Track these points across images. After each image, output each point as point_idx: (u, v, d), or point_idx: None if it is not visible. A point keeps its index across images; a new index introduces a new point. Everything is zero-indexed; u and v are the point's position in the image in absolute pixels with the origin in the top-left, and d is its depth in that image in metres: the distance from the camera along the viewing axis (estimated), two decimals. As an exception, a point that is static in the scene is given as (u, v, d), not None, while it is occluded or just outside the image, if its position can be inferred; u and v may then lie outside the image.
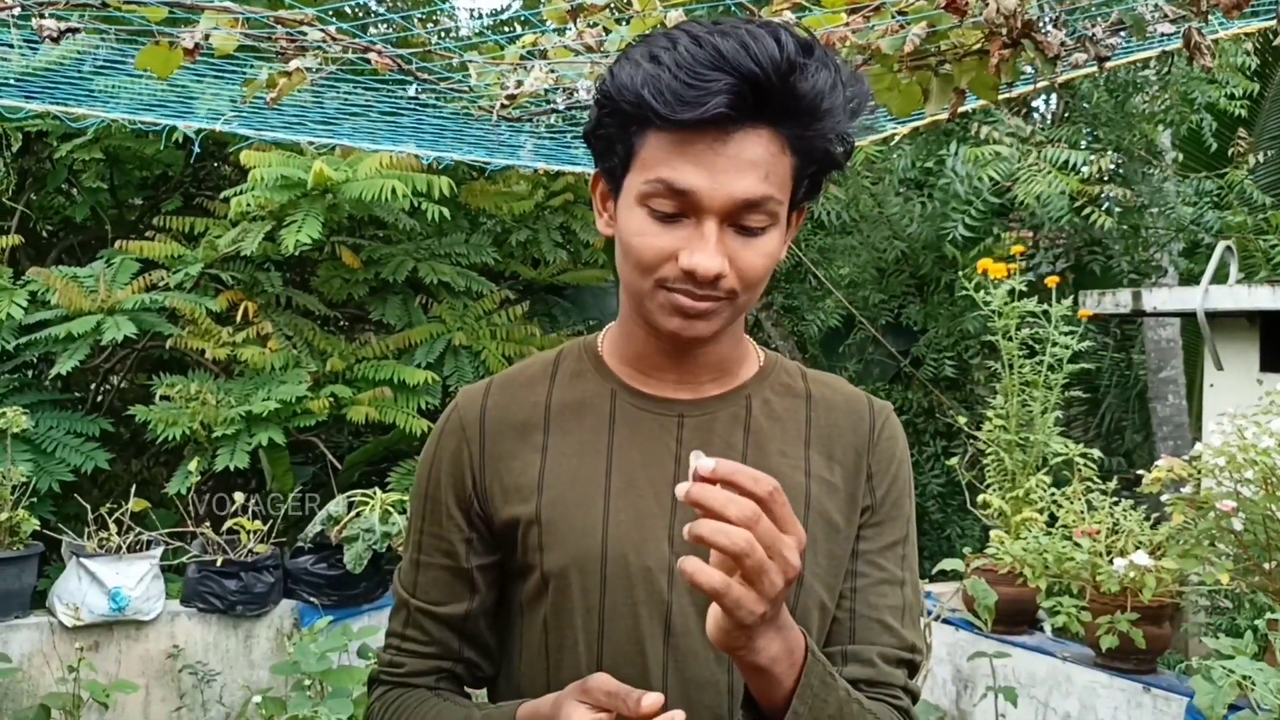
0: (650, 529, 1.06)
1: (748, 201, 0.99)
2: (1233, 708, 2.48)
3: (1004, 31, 2.12)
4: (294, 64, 2.33)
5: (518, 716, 1.01)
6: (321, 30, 2.16)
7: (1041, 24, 2.36)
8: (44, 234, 6.16)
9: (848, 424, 1.15)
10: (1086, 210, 5.46)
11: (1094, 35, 2.51)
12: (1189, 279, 6.10)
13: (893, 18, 2.26)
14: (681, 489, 0.85)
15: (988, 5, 2.02)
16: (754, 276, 1.03)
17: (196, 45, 2.20)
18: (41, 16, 1.99)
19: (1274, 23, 2.38)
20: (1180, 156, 6.64)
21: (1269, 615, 2.50)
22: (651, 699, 0.91)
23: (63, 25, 2.10)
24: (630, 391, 1.12)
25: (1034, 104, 6.72)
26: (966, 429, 4.31)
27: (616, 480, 1.08)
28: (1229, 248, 4.70)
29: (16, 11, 2.23)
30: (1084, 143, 5.95)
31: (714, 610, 0.89)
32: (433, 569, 1.14)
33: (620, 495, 1.07)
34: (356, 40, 2.22)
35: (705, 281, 1.00)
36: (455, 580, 1.13)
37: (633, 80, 0.98)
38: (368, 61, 2.44)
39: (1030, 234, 6.32)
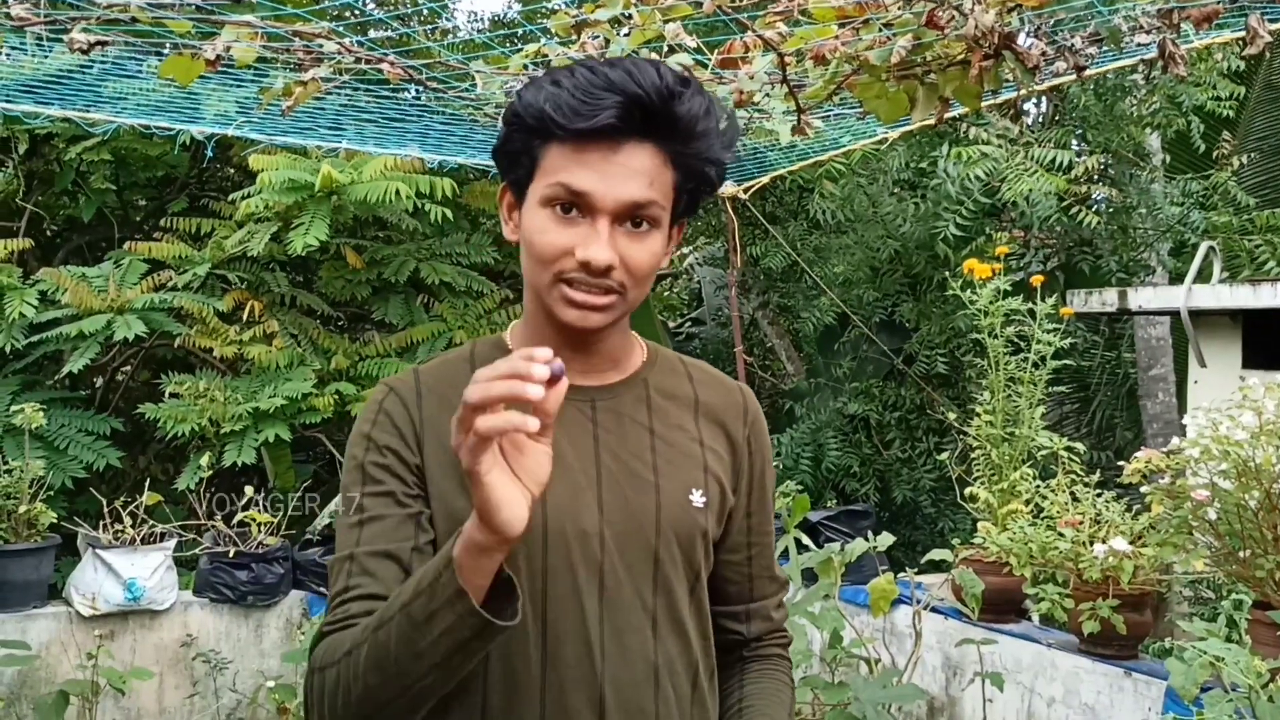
0: (583, 500, 1.20)
1: (635, 203, 1.15)
2: (1206, 688, 2.59)
3: (984, 44, 2.23)
4: (309, 74, 2.44)
5: (454, 554, 1.03)
6: (337, 43, 2.27)
7: (1025, 34, 2.47)
8: (51, 234, 6.26)
9: (723, 401, 1.34)
10: (1074, 210, 5.57)
11: (1073, 45, 2.63)
12: (1177, 278, 6.21)
13: (880, 31, 2.38)
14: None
15: (967, 21, 2.13)
16: (641, 271, 1.18)
17: (218, 57, 2.31)
18: (86, 30, 2.10)
19: (1244, 34, 2.49)
20: (1168, 158, 6.76)
21: (1234, 596, 2.61)
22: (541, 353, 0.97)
23: (93, 39, 2.21)
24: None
25: (1024, 107, 6.84)
26: (957, 424, 4.42)
27: None
28: (1212, 248, 4.81)
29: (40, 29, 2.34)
30: (1074, 143, 6.06)
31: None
32: (377, 521, 1.17)
33: (554, 474, 1.16)
34: (371, 53, 2.34)
35: (598, 272, 1.15)
36: (403, 524, 1.17)
37: (536, 99, 1.15)
38: (379, 71, 2.55)
39: (1021, 234, 6.43)
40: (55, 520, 4.06)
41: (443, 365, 1.28)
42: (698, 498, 1.25)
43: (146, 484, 4.37)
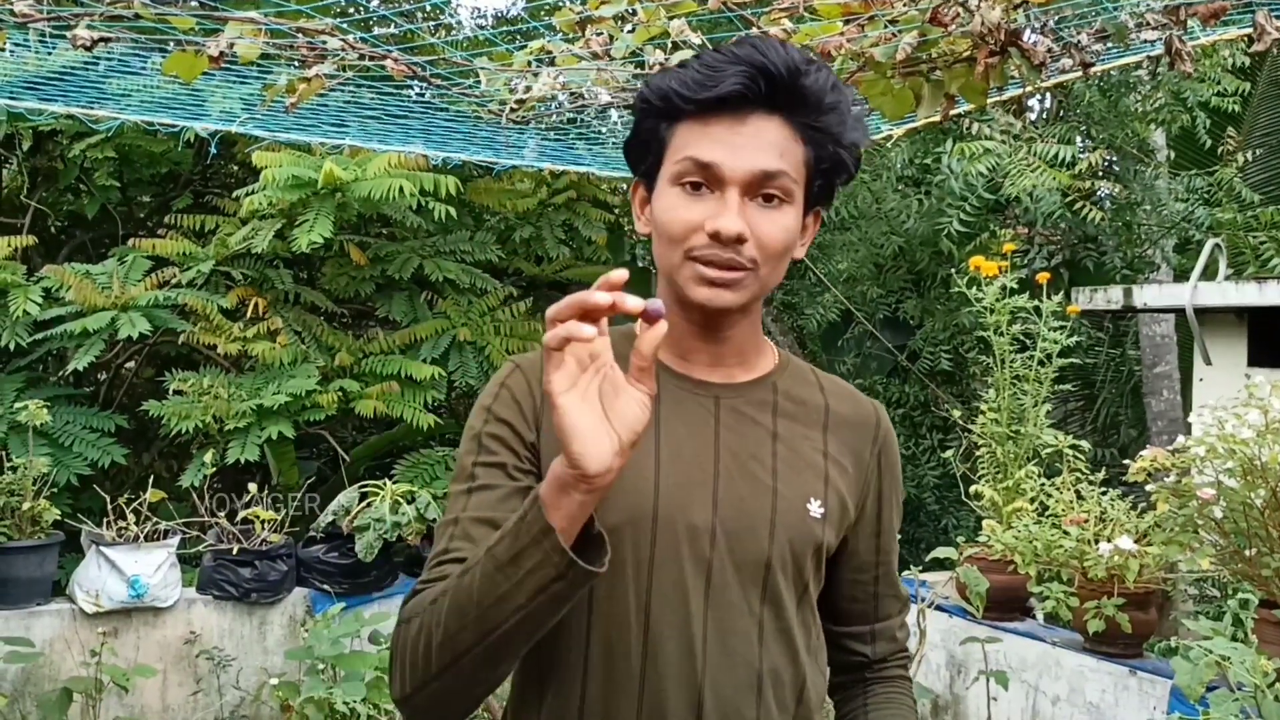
0: (696, 494, 1.17)
1: (765, 173, 1.13)
2: (1211, 688, 2.59)
3: (990, 41, 2.23)
4: (313, 71, 2.44)
5: (540, 492, 1.01)
6: (341, 40, 2.26)
7: (1030, 30, 2.46)
8: (55, 231, 6.27)
9: (856, 417, 1.30)
10: (1078, 206, 5.56)
11: (1079, 42, 2.62)
12: (1182, 275, 6.19)
13: (885, 27, 2.37)
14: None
15: (973, 18, 2.12)
16: (772, 246, 1.15)
17: (221, 53, 2.31)
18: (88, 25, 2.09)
19: (1251, 30, 2.48)
20: (1172, 154, 6.74)
21: (1240, 595, 2.61)
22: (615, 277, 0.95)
23: (96, 35, 2.21)
24: (671, 374, 1.22)
25: (1028, 102, 6.82)
26: (961, 422, 4.41)
27: (665, 449, 1.18)
28: (1217, 244, 4.79)
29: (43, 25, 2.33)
30: (1078, 139, 6.05)
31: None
32: (486, 490, 1.16)
33: (669, 463, 1.18)
34: (375, 49, 2.33)
35: (729, 242, 1.12)
36: (511, 496, 1.15)
37: (664, 81, 1.16)
38: (383, 67, 2.55)
39: (1025, 230, 6.42)
40: (59, 517, 4.06)
41: None
42: (815, 508, 1.21)
43: (150, 481, 4.37)
